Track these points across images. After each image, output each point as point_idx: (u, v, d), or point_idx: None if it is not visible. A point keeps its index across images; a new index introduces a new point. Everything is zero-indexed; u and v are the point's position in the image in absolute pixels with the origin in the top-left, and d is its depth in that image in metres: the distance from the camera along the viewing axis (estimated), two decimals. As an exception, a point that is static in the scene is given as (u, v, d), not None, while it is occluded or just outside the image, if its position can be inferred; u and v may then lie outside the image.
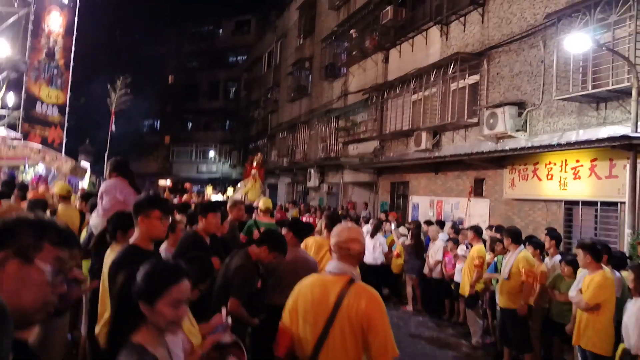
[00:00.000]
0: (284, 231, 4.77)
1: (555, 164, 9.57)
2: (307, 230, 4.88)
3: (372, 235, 10.47)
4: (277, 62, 29.99)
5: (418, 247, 9.99)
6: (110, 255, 3.83)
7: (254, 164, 12.65)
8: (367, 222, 12.52)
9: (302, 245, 5.10)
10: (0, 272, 1.30)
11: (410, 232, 10.45)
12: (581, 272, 5.59)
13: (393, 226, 11.59)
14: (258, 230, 6.21)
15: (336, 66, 20.52)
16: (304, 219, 10.29)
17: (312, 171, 21.58)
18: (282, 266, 4.28)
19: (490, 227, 9.50)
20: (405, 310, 10.07)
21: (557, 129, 9.55)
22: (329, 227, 5.40)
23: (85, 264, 4.70)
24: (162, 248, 4.72)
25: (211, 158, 41.59)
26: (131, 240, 3.25)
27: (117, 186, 4.98)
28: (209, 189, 23.68)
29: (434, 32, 13.89)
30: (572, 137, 9.02)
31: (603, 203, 8.79)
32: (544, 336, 6.81)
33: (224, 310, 2.94)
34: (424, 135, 13.21)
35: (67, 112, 23.83)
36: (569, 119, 9.32)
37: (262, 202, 7.69)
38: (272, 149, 27.98)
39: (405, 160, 14.36)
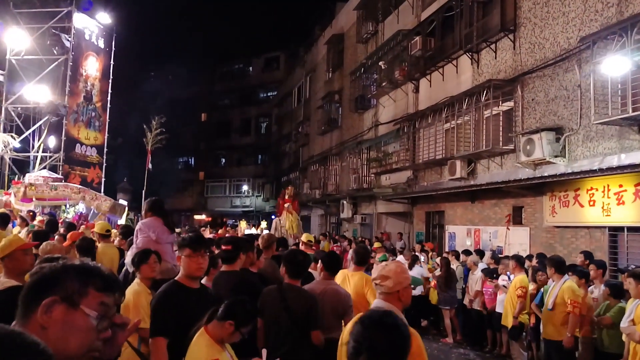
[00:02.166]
0: (318, 265, 4.74)
1: (597, 190, 9.30)
2: (338, 263, 4.82)
3: (410, 267, 10.34)
4: (306, 97, 30.38)
5: (447, 279, 9.84)
6: (131, 288, 4.18)
7: (286, 197, 12.62)
8: (401, 253, 12.37)
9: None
10: (47, 318, 1.31)
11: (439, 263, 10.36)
12: (633, 302, 5.35)
13: (422, 258, 11.39)
14: None
15: (366, 98, 20.62)
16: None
17: (344, 202, 21.52)
18: None
19: (529, 257, 9.26)
20: (445, 342, 9.83)
21: (598, 153, 9.30)
22: (356, 261, 5.42)
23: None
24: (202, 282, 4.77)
25: (244, 192, 42.08)
26: (177, 277, 3.45)
27: (151, 225, 5.14)
28: (242, 223, 23.79)
29: (465, 60, 13.86)
30: (614, 161, 8.76)
31: (650, 228, 8.46)
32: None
33: (264, 352, 2.95)
34: (458, 163, 13.05)
35: (105, 152, 24.56)
36: (610, 143, 9.07)
37: (304, 236, 8.15)
38: (304, 181, 28.09)
39: (440, 189, 14.19)
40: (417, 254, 11.73)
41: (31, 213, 12.47)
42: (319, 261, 4.89)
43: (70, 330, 1.33)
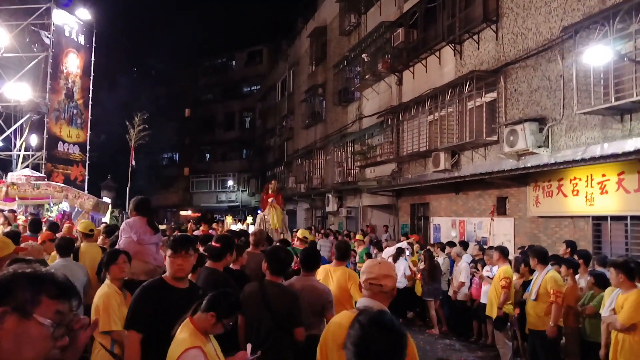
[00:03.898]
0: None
1: (580, 179, 9.33)
2: (316, 260, 4.76)
3: (395, 260, 10.31)
4: (290, 90, 30.25)
5: (431, 272, 9.85)
6: (100, 290, 4.11)
7: (270, 192, 12.47)
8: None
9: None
10: None
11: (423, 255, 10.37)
12: (614, 291, 5.36)
13: (408, 253, 11.34)
14: (296, 256, 6.14)
15: (349, 91, 20.57)
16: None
17: (330, 196, 21.49)
18: None
19: (522, 248, 9.27)
20: (431, 333, 9.84)
21: (581, 143, 9.32)
22: (337, 256, 5.46)
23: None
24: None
25: (230, 187, 41.89)
26: (164, 274, 3.48)
27: (134, 226, 5.12)
28: (228, 219, 23.64)
29: (447, 51, 13.83)
30: (597, 151, 8.78)
31: (633, 217, 8.52)
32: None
33: (249, 347, 3.05)
34: (442, 155, 13.04)
35: (88, 149, 24.32)
36: (593, 132, 9.10)
37: (300, 232, 8.16)
38: (290, 175, 28.02)
39: (425, 181, 14.19)
40: (401, 246, 11.66)
41: (15, 213, 12.27)
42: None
43: (24, 341, 1.29)
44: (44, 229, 8.38)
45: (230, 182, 41.87)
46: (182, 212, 42.08)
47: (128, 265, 4.29)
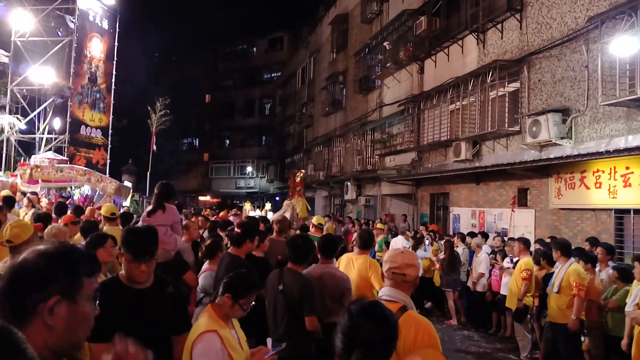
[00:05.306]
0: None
1: (603, 172, 9.23)
2: (334, 247, 4.81)
3: (415, 249, 10.34)
4: (311, 78, 30.20)
5: (451, 262, 9.86)
6: None
7: (297, 180, 12.40)
8: (403, 233, 12.33)
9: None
10: (51, 317, 1.31)
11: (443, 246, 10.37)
12: (638, 285, 5.34)
13: (427, 241, 11.38)
14: None
15: (370, 79, 20.50)
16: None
17: (349, 184, 21.51)
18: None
19: (539, 241, 9.21)
20: (449, 324, 9.87)
21: (604, 135, 9.21)
22: (360, 244, 5.47)
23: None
24: (205, 266, 4.95)
25: (249, 173, 42.13)
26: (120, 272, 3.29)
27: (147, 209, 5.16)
28: (247, 205, 23.81)
29: (470, 40, 13.69)
30: (621, 143, 8.67)
31: (657, 211, 8.42)
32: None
33: (269, 341, 2.97)
34: (463, 145, 12.98)
35: (110, 134, 24.53)
36: (617, 124, 8.98)
37: (315, 218, 8.20)
38: (309, 163, 28.08)
39: (445, 171, 14.14)
40: (420, 236, 11.68)
41: (37, 195, 12.47)
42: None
43: (77, 322, 1.36)
44: (69, 212, 8.51)
45: (249, 169, 42.11)
46: (201, 198, 42.49)
47: (115, 249, 3.89)
